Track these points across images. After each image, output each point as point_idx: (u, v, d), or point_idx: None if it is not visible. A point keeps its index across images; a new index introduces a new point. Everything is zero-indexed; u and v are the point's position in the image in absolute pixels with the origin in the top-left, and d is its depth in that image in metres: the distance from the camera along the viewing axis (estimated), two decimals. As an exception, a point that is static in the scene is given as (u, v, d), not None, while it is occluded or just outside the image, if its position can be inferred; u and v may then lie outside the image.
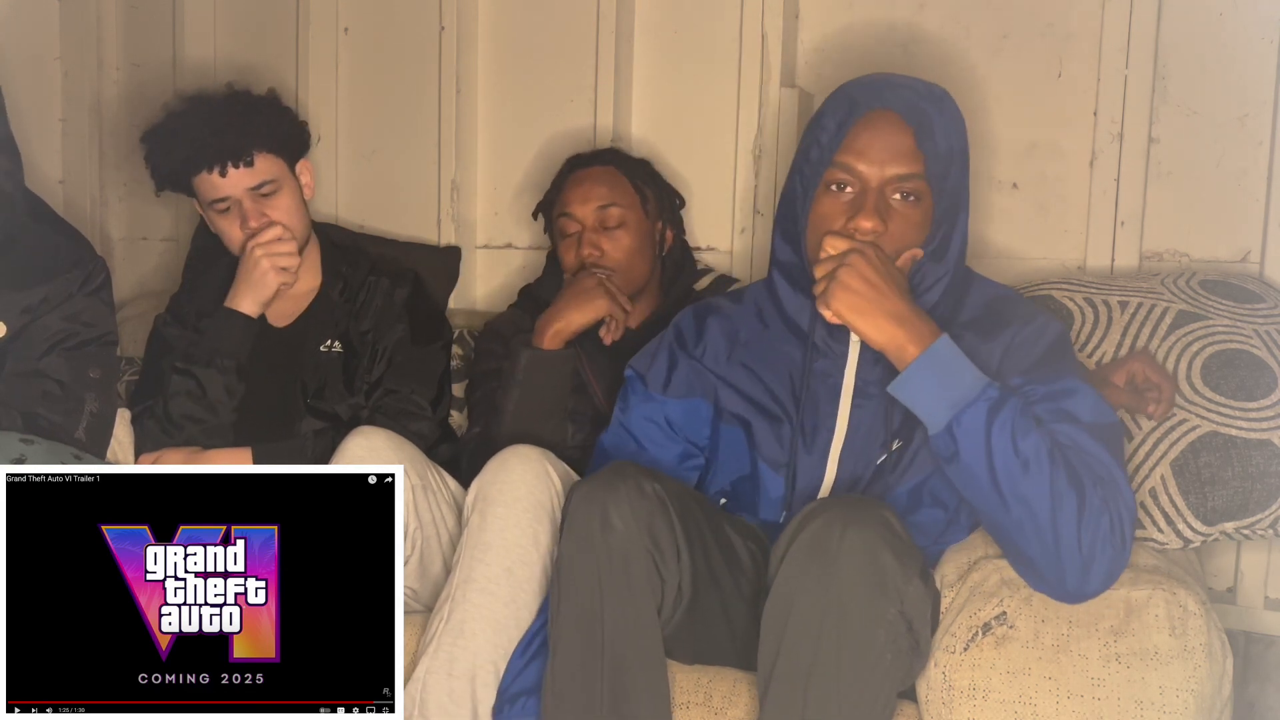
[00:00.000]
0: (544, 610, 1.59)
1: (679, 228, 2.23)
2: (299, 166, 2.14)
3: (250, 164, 2.03)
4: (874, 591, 1.35)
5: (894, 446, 1.61)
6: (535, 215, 2.27)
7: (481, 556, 1.62)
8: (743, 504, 1.69)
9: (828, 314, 1.51)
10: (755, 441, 1.68)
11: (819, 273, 1.53)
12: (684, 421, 1.73)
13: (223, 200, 2.05)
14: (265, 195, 2.06)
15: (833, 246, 1.53)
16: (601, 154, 2.20)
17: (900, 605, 1.37)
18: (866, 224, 1.55)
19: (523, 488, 1.64)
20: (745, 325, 1.74)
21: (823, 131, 1.61)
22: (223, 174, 2.02)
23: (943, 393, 1.45)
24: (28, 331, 1.88)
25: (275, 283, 2.03)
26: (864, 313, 1.48)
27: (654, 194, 2.16)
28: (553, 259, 2.24)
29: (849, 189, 1.58)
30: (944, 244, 1.60)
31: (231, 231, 2.07)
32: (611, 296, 1.99)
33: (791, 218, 1.66)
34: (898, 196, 1.57)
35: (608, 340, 2.02)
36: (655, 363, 1.76)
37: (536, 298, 2.21)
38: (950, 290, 1.63)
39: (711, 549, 1.53)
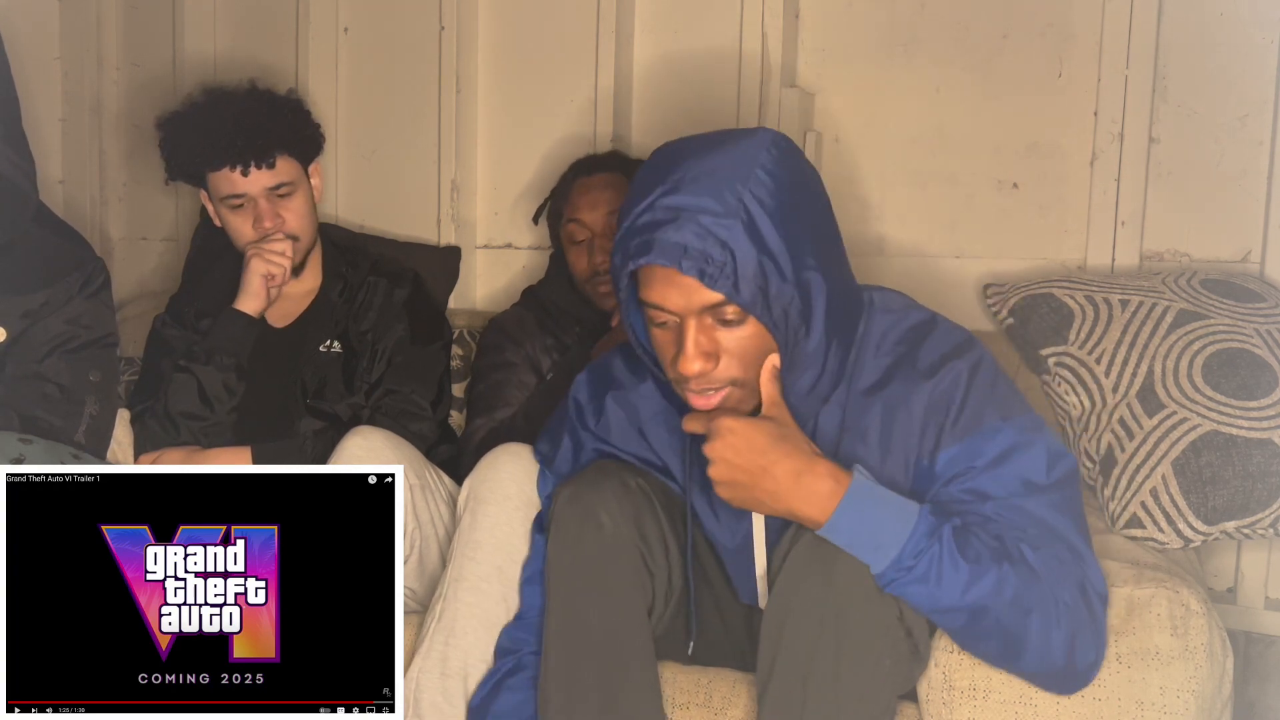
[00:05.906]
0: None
1: None
2: (311, 168, 2.15)
3: (272, 165, 2.04)
4: (872, 597, 1.34)
5: None
6: (535, 220, 2.27)
7: (473, 555, 1.62)
8: None
9: None
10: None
11: (686, 427, 1.41)
12: None
13: (238, 196, 2.05)
14: (282, 196, 2.06)
15: (690, 430, 1.41)
16: (605, 160, 2.19)
17: (899, 610, 1.37)
18: (691, 369, 1.36)
19: (513, 485, 1.64)
20: (645, 401, 1.58)
21: (620, 257, 1.39)
22: (245, 172, 2.03)
23: (867, 542, 1.33)
24: (28, 335, 1.88)
25: (261, 284, 2.03)
26: (746, 502, 1.37)
27: None
28: (556, 261, 2.24)
29: (666, 323, 1.38)
30: (802, 327, 1.37)
31: (243, 229, 2.07)
32: None
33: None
34: (723, 321, 1.36)
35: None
36: (560, 449, 1.63)
37: (540, 299, 2.22)
38: (835, 358, 1.43)
39: (700, 544, 1.51)
